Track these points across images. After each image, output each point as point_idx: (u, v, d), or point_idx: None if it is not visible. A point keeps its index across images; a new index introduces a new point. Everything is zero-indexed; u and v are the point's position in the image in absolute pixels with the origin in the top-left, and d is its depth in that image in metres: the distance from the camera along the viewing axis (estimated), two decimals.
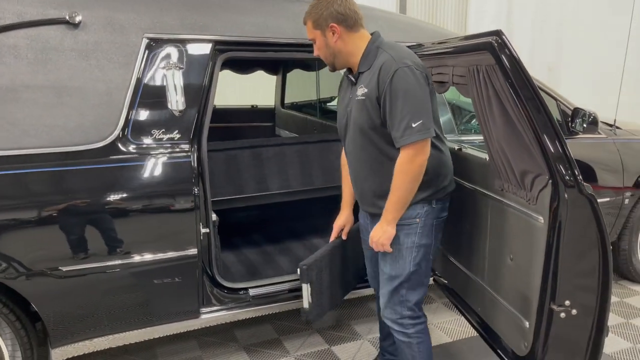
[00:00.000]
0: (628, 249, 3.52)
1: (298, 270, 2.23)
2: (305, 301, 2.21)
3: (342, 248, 2.46)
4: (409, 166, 1.88)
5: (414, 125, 1.84)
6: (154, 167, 2.24)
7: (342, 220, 2.43)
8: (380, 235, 1.99)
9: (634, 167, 3.38)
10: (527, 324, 1.88)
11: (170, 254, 2.29)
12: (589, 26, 6.49)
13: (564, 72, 6.89)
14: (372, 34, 2.02)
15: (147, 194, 2.22)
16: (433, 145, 1.97)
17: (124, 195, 2.18)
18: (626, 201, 3.39)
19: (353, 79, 2.04)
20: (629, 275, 3.64)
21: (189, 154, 2.30)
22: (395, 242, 2.03)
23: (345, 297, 2.81)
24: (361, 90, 1.96)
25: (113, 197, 2.17)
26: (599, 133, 3.30)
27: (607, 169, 3.30)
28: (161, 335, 2.45)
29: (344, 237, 2.43)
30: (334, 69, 2.07)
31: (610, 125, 3.47)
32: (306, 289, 2.20)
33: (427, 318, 2.18)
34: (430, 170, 1.98)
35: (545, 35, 7.15)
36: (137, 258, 2.24)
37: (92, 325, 2.25)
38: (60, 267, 2.11)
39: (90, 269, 2.16)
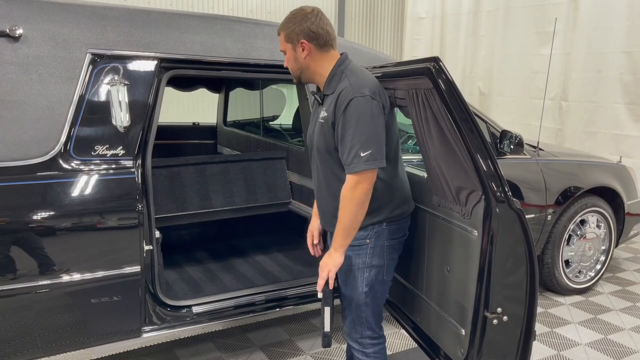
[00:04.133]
0: (551, 262, 3.78)
1: (319, 293, 2.06)
2: (327, 324, 2.08)
3: None
4: (352, 193, 1.90)
5: (362, 155, 1.87)
6: (97, 183, 2.21)
7: (312, 226, 2.36)
8: (328, 262, 1.98)
9: (555, 186, 3.64)
10: (463, 331, 1.99)
11: (113, 272, 2.25)
12: (515, 56, 6.95)
13: (493, 97, 7.33)
14: (341, 54, 2.05)
15: (90, 210, 2.18)
16: (386, 172, 2.02)
17: (66, 212, 2.14)
18: (549, 217, 3.65)
19: (319, 99, 2.08)
20: (552, 287, 3.90)
21: (133, 170, 2.29)
22: (347, 262, 2.05)
23: (287, 314, 2.86)
24: (323, 114, 2.01)
25: (54, 214, 2.12)
26: (525, 154, 3.54)
27: (531, 187, 3.54)
28: (100, 357, 2.38)
29: (315, 240, 2.35)
30: (299, 82, 2.10)
31: (534, 147, 3.73)
32: (328, 312, 2.07)
33: (385, 339, 2.24)
34: (382, 196, 2.04)
35: (476, 64, 7.58)
36: (77, 276, 2.18)
37: (27, 346, 2.17)
38: None
39: (27, 288, 2.09)
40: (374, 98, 1.91)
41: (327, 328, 2.07)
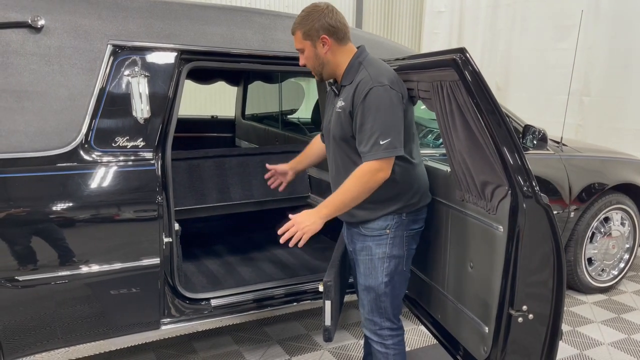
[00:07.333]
0: (573, 260, 3.71)
1: (320, 286, 2.06)
2: (328, 318, 2.09)
3: (344, 261, 2.39)
4: (368, 177, 1.92)
5: (381, 143, 1.90)
6: (117, 175, 2.20)
7: (287, 165, 2.51)
8: (306, 221, 1.93)
9: (579, 182, 3.57)
10: (486, 329, 1.95)
11: (132, 264, 2.25)
12: (533, 51, 6.82)
13: (510, 92, 7.21)
14: (358, 48, 2.08)
15: (110, 202, 2.18)
16: (405, 160, 2.04)
17: (86, 203, 2.14)
18: (572, 215, 3.57)
19: (336, 90, 2.11)
20: (575, 285, 3.82)
21: (153, 162, 2.28)
22: (367, 252, 2.09)
23: (305, 308, 2.84)
24: (340, 103, 2.04)
25: (75, 205, 2.12)
26: (548, 149, 3.47)
27: (554, 183, 3.47)
28: (118, 348, 2.39)
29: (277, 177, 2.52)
30: (321, 79, 2.12)
31: (557, 143, 3.65)
32: (329, 306, 2.08)
33: (404, 330, 2.24)
34: (401, 183, 2.05)
35: (493, 59, 7.46)
36: (96, 268, 2.18)
37: (48, 337, 2.18)
38: (17, 277, 2.03)
39: (48, 278, 2.10)
40: (392, 87, 1.94)
41: (327, 322, 2.07)
